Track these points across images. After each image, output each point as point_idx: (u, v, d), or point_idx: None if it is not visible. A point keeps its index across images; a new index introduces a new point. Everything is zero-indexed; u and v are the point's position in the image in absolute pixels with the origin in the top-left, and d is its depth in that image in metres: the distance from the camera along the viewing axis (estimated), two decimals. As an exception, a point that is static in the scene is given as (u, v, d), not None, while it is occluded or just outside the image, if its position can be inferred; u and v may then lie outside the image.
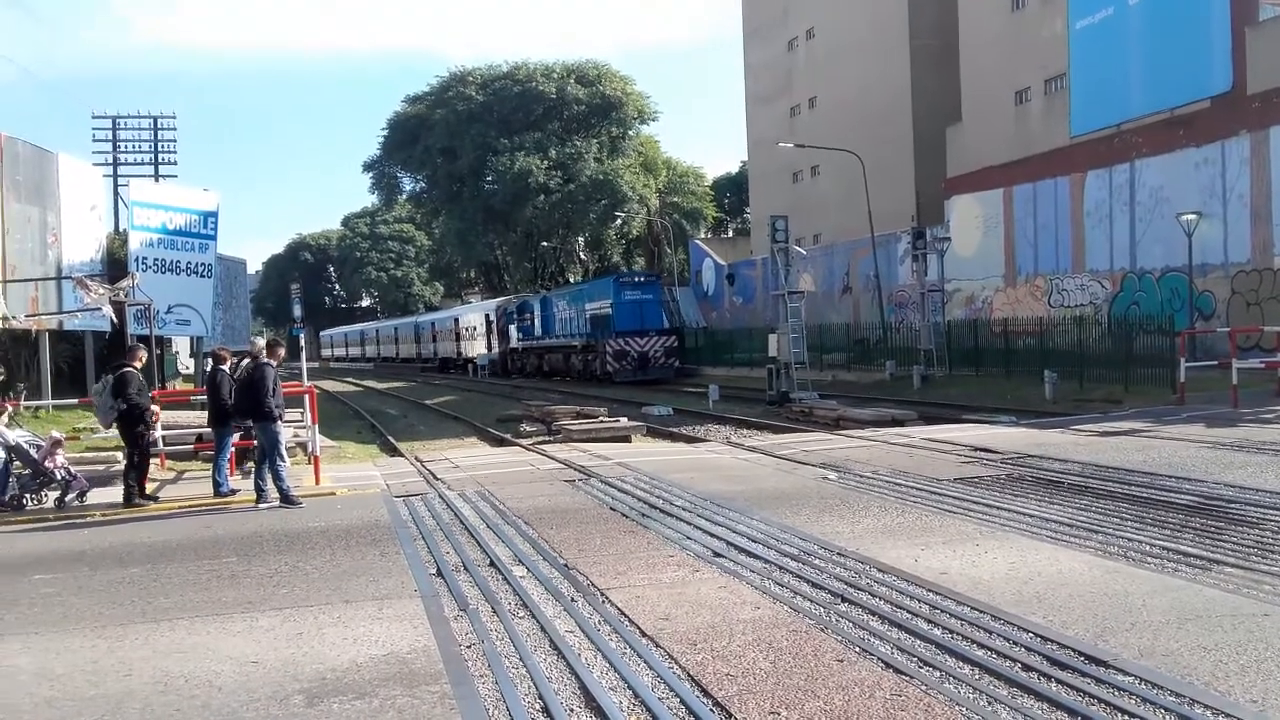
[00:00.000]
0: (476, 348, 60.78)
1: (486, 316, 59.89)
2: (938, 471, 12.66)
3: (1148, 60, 33.02)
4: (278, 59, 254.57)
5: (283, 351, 13.97)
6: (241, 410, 12.69)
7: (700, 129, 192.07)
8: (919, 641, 5.99)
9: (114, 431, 13.20)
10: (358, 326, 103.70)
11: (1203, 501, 9.88)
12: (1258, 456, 12.72)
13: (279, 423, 12.51)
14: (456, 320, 67.14)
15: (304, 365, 21.34)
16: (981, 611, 6.49)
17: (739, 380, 36.09)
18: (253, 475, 12.71)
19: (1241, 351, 21.76)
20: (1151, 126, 32.54)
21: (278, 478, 12.27)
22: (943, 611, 6.55)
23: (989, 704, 5.03)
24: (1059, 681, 5.26)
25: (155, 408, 13.64)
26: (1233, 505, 9.61)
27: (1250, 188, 28.80)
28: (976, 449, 14.62)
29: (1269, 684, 5.10)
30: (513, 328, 53.98)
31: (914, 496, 10.95)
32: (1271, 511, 9.24)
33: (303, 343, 25.92)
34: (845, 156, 45.40)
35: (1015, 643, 5.88)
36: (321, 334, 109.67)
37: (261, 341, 15.90)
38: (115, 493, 12.95)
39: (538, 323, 50.25)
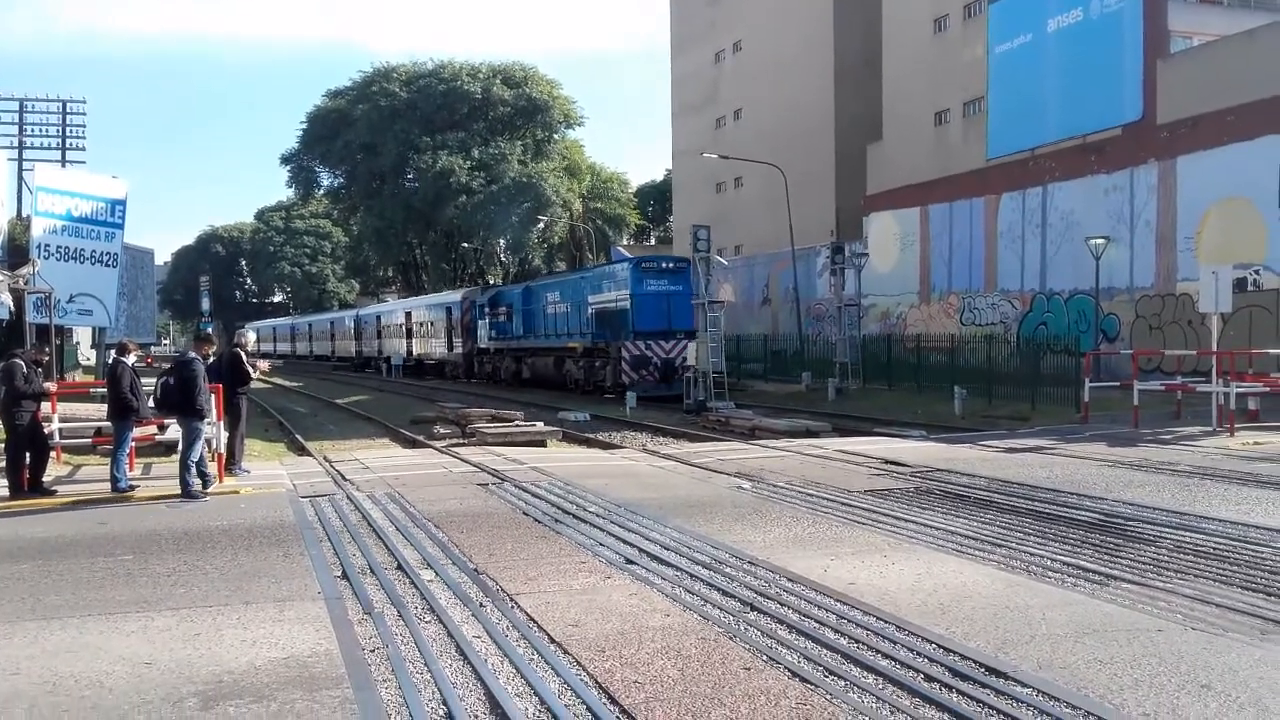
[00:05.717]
0: (434, 346, 51.98)
1: (449, 310, 49.73)
2: (849, 483, 12.81)
3: (1063, 87, 33.97)
4: (197, 45, 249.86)
5: (211, 347, 13.78)
6: (172, 406, 12.42)
7: (626, 136, 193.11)
8: (825, 651, 6.03)
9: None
10: (286, 320, 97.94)
11: (1103, 518, 10.14)
12: (1156, 476, 13.11)
13: (204, 420, 12.30)
14: (408, 314, 57.15)
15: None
16: (887, 622, 6.55)
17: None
18: (179, 473, 12.33)
19: (1143, 373, 22.43)
20: (1064, 152, 33.47)
21: (185, 469, 12.02)
22: (849, 621, 6.61)
23: (891, 713, 5.08)
24: (959, 692, 5.34)
25: (50, 385, 13.43)
26: (1131, 523, 9.88)
27: (1157, 215, 29.78)
28: (887, 462, 14.84)
29: (1160, 697, 5.22)
30: (481, 324, 44.20)
31: (825, 507, 11.05)
32: (1168, 529, 9.51)
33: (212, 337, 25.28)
34: (768, 169, 45.86)
35: (919, 653, 5.95)
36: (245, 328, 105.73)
37: (251, 335, 15.63)
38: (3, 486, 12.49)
39: (517, 318, 41.09)
